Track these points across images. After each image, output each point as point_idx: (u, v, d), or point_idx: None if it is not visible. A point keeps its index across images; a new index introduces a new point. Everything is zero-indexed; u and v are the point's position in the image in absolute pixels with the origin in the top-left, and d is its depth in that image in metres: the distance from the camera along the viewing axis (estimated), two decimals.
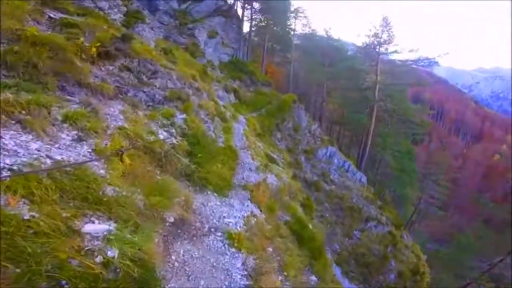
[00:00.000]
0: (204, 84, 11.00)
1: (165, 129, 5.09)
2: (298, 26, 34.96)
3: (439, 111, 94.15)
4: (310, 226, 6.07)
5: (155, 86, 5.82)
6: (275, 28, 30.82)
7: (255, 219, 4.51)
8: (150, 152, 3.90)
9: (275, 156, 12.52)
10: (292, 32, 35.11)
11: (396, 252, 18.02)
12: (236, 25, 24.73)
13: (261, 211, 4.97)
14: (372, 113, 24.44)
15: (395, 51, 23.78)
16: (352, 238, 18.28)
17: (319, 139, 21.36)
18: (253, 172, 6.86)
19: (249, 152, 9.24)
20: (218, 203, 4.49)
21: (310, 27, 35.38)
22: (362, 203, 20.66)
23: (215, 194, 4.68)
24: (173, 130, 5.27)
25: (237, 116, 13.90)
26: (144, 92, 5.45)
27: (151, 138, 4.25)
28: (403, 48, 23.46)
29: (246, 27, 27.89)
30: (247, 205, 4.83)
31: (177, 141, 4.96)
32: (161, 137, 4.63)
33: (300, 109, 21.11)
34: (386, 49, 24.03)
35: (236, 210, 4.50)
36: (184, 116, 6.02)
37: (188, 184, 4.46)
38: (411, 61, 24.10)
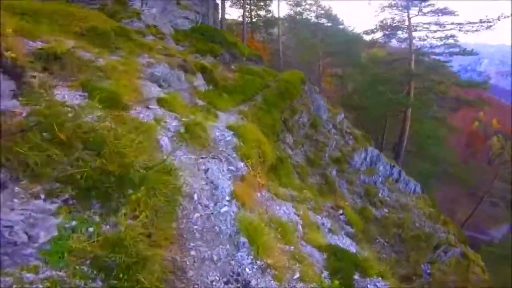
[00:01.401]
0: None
1: None
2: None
3: None
4: None
5: None
6: None
7: None
8: None
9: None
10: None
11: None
12: None
13: None
14: (409, 91, 17.12)
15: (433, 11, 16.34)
16: (422, 276, 11.30)
17: (350, 136, 13.73)
18: None
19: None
20: None
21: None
22: (427, 225, 13.57)
23: None
24: None
25: (212, 119, 5.87)
26: None
27: None
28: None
29: None
30: None
31: None
32: None
33: (314, 92, 13.27)
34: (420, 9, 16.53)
35: None
36: None
37: None
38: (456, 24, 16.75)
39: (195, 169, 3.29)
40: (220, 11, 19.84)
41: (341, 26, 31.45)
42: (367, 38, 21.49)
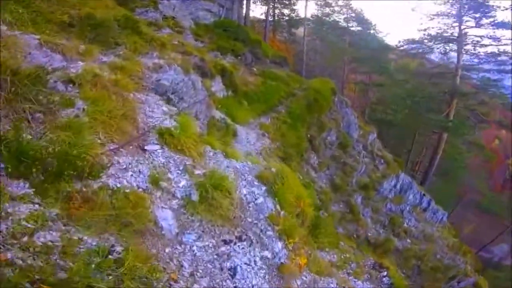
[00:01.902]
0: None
1: None
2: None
3: None
4: None
5: None
6: None
7: None
8: None
9: None
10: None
11: None
12: None
13: None
14: (450, 111, 15.01)
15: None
16: None
17: (381, 159, 11.97)
18: None
19: None
20: None
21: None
22: (447, 256, 12.03)
23: None
24: None
25: (230, 142, 4.36)
26: None
27: None
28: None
29: None
30: None
31: None
32: None
33: (344, 106, 11.57)
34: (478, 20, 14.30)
35: None
36: None
37: None
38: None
39: (215, 269, 1.84)
40: (244, 6, 18.35)
41: (371, 31, 29.33)
42: (404, 46, 19.26)
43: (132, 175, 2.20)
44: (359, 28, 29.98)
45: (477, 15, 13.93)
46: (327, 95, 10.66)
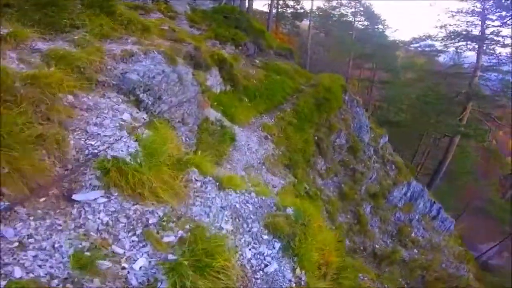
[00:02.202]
0: None
1: None
2: None
3: None
4: None
5: None
6: None
7: None
8: None
9: None
10: None
11: None
12: None
13: None
14: (465, 114, 13.95)
15: None
16: None
17: (393, 165, 10.96)
18: None
19: None
20: None
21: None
22: (452, 265, 11.48)
23: None
24: None
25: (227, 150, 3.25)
26: None
27: None
28: None
29: None
30: None
31: None
32: None
33: (355, 105, 10.47)
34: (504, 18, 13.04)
35: None
36: None
37: None
38: None
39: None
40: None
41: (380, 26, 28.03)
42: (418, 43, 18.00)
43: (39, 259, 1.14)
44: (366, 23, 28.75)
45: (504, 14, 12.69)
46: (338, 93, 9.54)
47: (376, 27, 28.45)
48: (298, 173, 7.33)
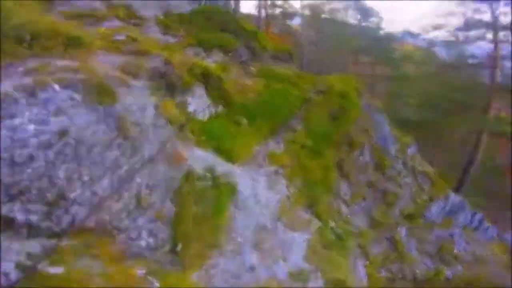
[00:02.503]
0: None
1: None
2: None
3: None
4: None
5: None
6: None
7: None
8: None
9: None
10: None
11: None
12: None
13: None
14: (488, 110, 12.30)
15: None
16: None
17: (424, 177, 9.18)
18: None
19: None
20: None
21: None
22: (498, 276, 9.65)
23: None
24: None
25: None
26: None
27: None
28: None
29: None
30: None
31: None
32: None
33: (374, 112, 8.70)
34: None
35: None
36: None
37: None
38: None
39: None
40: None
41: (373, 19, 26.68)
42: (429, 34, 16.37)
43: None
44: (359, 16, 27.50)
45: None
46: (354, 99, 7.79)
47: (369, 20, 27.20)
48: (321, 211, 5.55)
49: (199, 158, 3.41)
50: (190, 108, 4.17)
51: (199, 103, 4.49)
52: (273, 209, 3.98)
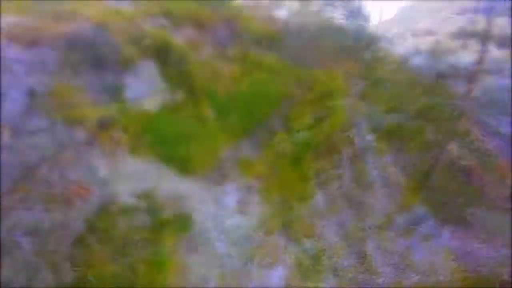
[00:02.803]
0: None
1: None
2: None
3: None
4: None
5: None
6: None
7: None
8: None
9: None
10: None
11: None
12: None
13: None
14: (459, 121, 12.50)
15: None
16: None
17: (396, 187, 9.03)
18: None
19: None
20: None
21: None
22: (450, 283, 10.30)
23: None
24: None
25: None
26: None
27: None
28: None
29: None
30: None
31: None
32: None
33: (357, 116, 8.10)
34: None
35: None
36: None
37: None
38: None
39: None
40: None
41: (361, 19, 26.39)
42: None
43: None
44: (345, 13, 27.03)
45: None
46: (340, 100, 7.04)
47: (356, 18, 26.89)
48: (297, 229, 4.79)
49: (132, 175, 2.26)
50: (129, 93, 2.91)
51: (143, 87, 3.23)
52: (244, 245, 3.00)
